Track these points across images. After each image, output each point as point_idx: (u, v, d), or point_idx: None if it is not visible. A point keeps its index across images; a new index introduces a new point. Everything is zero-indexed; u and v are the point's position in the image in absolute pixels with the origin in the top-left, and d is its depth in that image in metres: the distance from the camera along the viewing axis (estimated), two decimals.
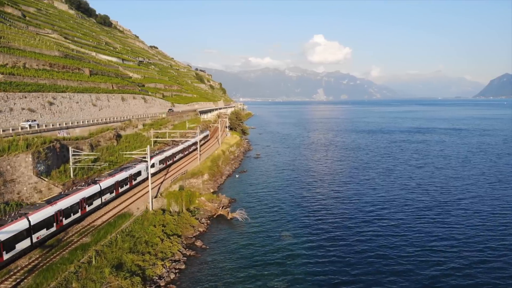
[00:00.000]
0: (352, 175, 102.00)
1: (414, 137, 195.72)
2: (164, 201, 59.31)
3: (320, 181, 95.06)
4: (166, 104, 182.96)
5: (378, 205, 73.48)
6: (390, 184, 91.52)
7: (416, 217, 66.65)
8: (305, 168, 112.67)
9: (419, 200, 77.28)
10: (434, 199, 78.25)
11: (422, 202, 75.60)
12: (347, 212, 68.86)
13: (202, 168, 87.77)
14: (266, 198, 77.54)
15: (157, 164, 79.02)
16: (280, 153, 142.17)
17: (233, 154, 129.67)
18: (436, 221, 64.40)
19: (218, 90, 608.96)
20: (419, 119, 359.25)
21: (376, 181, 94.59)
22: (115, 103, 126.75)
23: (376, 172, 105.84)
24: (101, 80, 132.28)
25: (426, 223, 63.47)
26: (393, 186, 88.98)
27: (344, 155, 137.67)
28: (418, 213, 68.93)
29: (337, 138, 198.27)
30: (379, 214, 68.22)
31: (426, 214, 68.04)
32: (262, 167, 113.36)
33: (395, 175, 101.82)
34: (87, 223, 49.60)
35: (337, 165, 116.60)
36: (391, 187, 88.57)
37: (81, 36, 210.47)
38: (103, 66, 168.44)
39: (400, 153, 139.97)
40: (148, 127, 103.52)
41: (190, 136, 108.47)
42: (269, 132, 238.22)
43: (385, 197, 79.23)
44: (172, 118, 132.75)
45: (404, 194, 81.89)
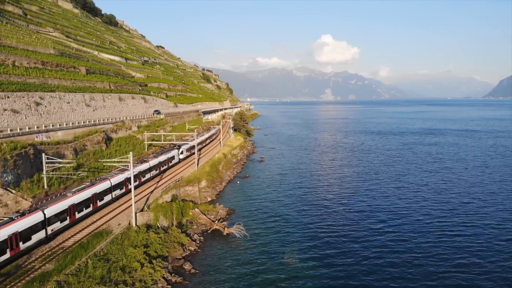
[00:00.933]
0: (363, 181, 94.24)
1: (426, 139, 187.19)
2: (151, 215, 52.08)
3: (327, 188, 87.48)
4: (168, 104, 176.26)
5: (392, 217, 65.80)
6: (404, 192, 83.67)
7: (434, 230, 59.03)
8: (311, 173, 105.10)
9: (436, 210, 69.44)
10: (453, 209, 70.37)
11: (440, 213, 67.78)
12: (359, 225, 61.28)
13: (200, 174, 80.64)
14: (268, 209, 70.16)
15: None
16: (285, 156, 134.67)
17: (236, 157, 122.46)
18: (456, 235, 56.81)
19: (225, 90, 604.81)
20: (429, 120, 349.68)
21: (389, 188, 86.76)
22: (112, 103, 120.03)
23: (388, 178, 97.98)
24: (97, 79, 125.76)
25: (446, 237, 55.85)
26: (407, 195, 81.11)
27: (353, 158, 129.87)
28: (436, 225, 61.28)
29: (346, 139, 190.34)
30: (393, 227, 60.60)
31: (445, 227, 60.32)
32: (265, 172, 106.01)
33: (409, 181, 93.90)
34: (56, 243, 42.49)
35: (346, 170, 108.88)
36: (405, 195, 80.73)
37: (84, 35, 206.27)
38: (104, 65, 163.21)
39: (412, 157, 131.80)
40: (143, 129, 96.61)
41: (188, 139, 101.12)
42: (275, 133, 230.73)
43: (399, 208, 71.44)
44: (172, 119, 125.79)
45: (420, 203, 74.11)
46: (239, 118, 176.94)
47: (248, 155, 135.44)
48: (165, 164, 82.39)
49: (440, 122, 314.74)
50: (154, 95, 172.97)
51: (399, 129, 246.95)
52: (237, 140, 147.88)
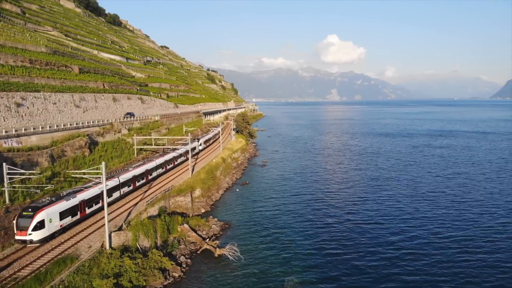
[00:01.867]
0: (373, 190, 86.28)
1: (437, 141, 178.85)
2: (129, 235, 44.78)
3: (333, 196, 79.77)
4: (168, 105, 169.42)
5: (408, 232, 58.18)
6: (419, 202, 75.86)
7: (454, 246, 51.52)
8: (316, 180, 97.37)
9: (456, 222, 61.76)
10: (475, 221, 62.63)
11: (460, 226, 60.09)
12: (368, 241, 53.76)
13: (194, 182, 73.40)
14: (268, 222, 62.62)
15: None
16: (289, 160, 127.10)
17: (236, 161, 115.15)
18: (478, 251, 49.24)
19: (229, 90, 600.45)
20: (439, 121, 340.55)
21: (402, 197, 78.96)
22: (105, 104, 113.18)
23: (400, 185, 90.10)
24: (90, 79, 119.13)
25: (466, 254, 48.34)
26: (422, 205, 73.31)
27: (361, 163, 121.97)
28: (455, 239, 53.70)
29: (353, 141, 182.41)
30: (409, 243, 53.05)
31: (465, 242, 52.73)
32: (267, 178, 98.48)
33: (423, 189, 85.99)
34: (9, 273, 35.17)
35: (353, 176, 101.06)
36: (420, 206, 72.93)
37: (85, 34, 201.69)
38: (103, 64, 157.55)
39: (424, 161, 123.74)
40: (134, 131, 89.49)
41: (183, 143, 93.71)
42: (279, 134, 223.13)
43: (416, 221, 63.71)
44: (168, 121, 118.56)
45: (437, 215, 66.43)
46: (241, 119, 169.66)
47: (249, 159, 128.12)
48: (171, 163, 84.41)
49: (449, 123, 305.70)
50: (154, 96, 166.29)
51: (407, 131, 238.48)
52: (239, 142, 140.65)
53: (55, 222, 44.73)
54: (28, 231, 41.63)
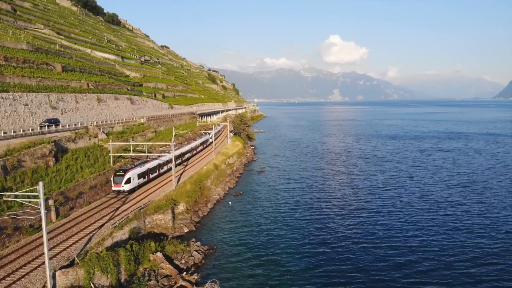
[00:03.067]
0: (380, 201, 76.47)
1: (446, 144, 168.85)
2: (80, 273, 35.24)
3: (338, 211, 69.89)
4: (161, 106, 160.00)
5: (422, 251, 48.64)
6: (432, 214, 66.28)
7: (478, 272, 41.88)
8: (317, 189, 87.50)
9: (481, 239, 52.12)
10: (501, 240, 52.99)
11: (485, 245, 50.45)
12: (382, 269, 44.24)
13: (177, 195, 63.84)
14: (262, 246, 52.85)
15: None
16: (288, 165, 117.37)
17: (231, 167, 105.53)
18: None
19: (231, 90, 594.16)
20: (444, 122, 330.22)
21: (414, 210, 69.30)
22: (87, 105, 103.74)
23: (411, 194, 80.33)
24: (74, 78, 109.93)
25: None
26: (438, 218, 63.72)
27: (366, 169, 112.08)
28: (483, 268, 44.05)
29: (356, 144, 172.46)
30: (423, 265, 43.45)
31: (495, 269, 43.16)
32: (264, 187, 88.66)
33: (436, 200, 76.24)
34: None
35: (359, 185, 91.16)
36: (436, 219, 63.33)
37: (80, 33, 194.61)
38: (94, 63, 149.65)
39: (435, 167, 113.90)
40: (114, 136, 79.88)
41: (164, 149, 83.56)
42: (280, 136, 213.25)
43: (431, 238, 54.16)
44: (157, 123, 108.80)
45: (452, 228, 56.86)
46: (239, 121, 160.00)
47: (246, 164, 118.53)
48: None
49: (456, 124, 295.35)
50: (147, 96, 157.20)
51: (413, 133, 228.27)
52: (235, 146, 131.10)
53: (135, 180, 65.52)
54: (121, 184, 62.42)
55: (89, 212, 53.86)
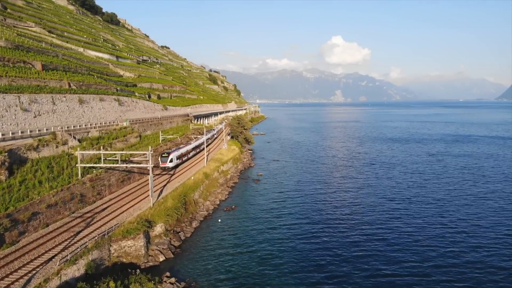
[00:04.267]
0: (390, 216, 66.65)
1: (455, 148, 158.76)
2: None
3: (342, 229, 60.11)
4: (154, 107, 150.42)
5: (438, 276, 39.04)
6: (451, 232, 56.61)
7: None
8: (319, 201, 77.47)
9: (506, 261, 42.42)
10: None
11: None
12: None
13: (155, 214, 54.23)
14: (253, 279, 43.59)
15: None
16: (287, 173, 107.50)
17: (225, 175, 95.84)
18: None
19: (232, 91, 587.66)
20: (451, 124, 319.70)
21: (427, 227, 59.65)
22: (67, 107, 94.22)
23: (422, 208, 70.45)
24: (54, 77, 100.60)
25: None
26: (456, 240, 54.00)
27: (372, 176, 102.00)
28: None
29: (360, 148, 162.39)
30: None
31: None
32: (260, 198, 78.70)
33: (452, 215, 66.54)
34: None
35: (364, 197, 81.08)
36: (453, 240, 53.62)
37: (75, 31, 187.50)
38: (86, 62, 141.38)
39: (447, 175, 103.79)
40: (89, 143, 70.32)
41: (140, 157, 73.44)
42: (280, 139, 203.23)
43: (449, 260, 44.51)
44: (142, 127, 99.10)
45: (473, 249, 47.12)
46: (237, 123, 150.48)
47: (242, 171, 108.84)
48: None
49: (463, 127, 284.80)
50: (139, 97, 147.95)
51: (419, 135, 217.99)
52: (231, 151, 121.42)
53: (175, 160, 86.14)
54: (167, 163, 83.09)
55: (43, 237, 44.33)
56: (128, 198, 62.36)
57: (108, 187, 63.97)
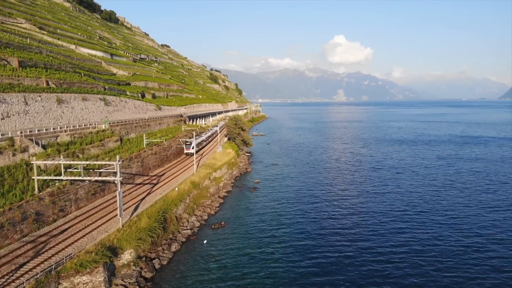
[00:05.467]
0: (403, 232, 57.24)
1: (466, 151, 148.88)
2: None
3: (350, 254, 50.81)
4: (146, 107, 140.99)
5: None
6: (472, 251, 47.17)
7: None
8: (322, 213, 67.72)
9: None
10: None
11: None
12: None
13: (124, 238, 44.78)
14: None
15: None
16: (287, 179, 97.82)
17: (217, 183, 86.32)
18: None
19: (233, 91, 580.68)
20: (457, 124, 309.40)
21: (445, 244, 50.23)
22: (42, 107, 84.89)
23: (438, 222, 60.89)
24: (31, 75, 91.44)
25: None
26: (481, 263, 44.58)
27: (380, 185, 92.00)
28: None
29: (365, 151, 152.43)
30: None
31: None
32: (254, 212, 68.81)
33: (472, 231, 57.08)
34: None
35: (372, 208, 71.46)
36: (476, 263, 44.21)
37: (69, 29, 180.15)
38: (75, 60, 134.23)
39: (461, 181, 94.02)
40: (55, 150, 60.80)
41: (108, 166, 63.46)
42: (281, 140, 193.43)
43: None
44: (125, 129, 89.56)
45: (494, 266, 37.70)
46: (234, 124, 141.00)
47: (237, 178, 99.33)
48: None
49: (470, 127, 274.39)
50: (130, 96, 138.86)
51: (426, 136, 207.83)
52: (226, 155, 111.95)
53: (196, 147, 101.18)
54: (190, 149, 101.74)
55: None
56: (97, 215, 52.89)
57: (75, 202, 54.63)
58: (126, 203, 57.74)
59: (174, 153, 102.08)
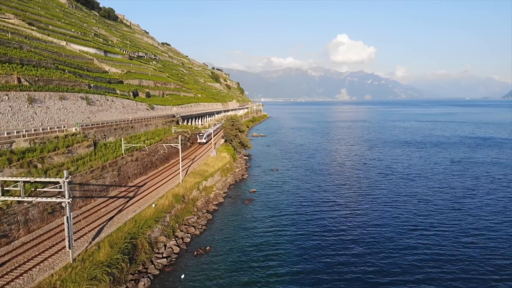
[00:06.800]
0: (415, 250, 46.93)
1: (480, 154, 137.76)
2: None
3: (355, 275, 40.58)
4: (136, 107, 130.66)
5: None
6: None
7: None
8: (326, 233, 57.10)
9: None
10: None
11: None
12: None
13: (73, 277, 34.42)
14: None
15: None
16: (287, 188, 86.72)
17: (208, 193, 75.95)
18: None
19: (235, 89, 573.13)
20: (465, 124, 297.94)
21: (469, 265, 39.97)
22: (9, 108, 74.77)
23: (458, 240, 50.51)
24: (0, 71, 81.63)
25: None
26: None
27: (389, 193, 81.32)
28: None
29: (372, 154, 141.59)
30: None
31: None
32: (246, 231, 57.87)
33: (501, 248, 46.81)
34: None
35: (383, 225, 61.19)
36: None
37: (62, 25, 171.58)
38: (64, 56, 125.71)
39: (481, 189, 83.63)
40: (6, 159, 50.28)
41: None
42: (281, 142, 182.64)
43: None
44: (102, 132, 78.67)
45: None
46: (230, 125, 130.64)
47: (231, 186, 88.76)
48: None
49: (479, 127, 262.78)
50: (121, 95, 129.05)
51: (435, 137, 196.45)
52: (220, 159, 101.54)
53: (206, 138, 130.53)
54: (202, 139, 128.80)
55: None
56: (49, 242, 42.61)
57: (25, 225, 44.43)
58: (88, 226, 47.47)
59: (161, 158, 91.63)
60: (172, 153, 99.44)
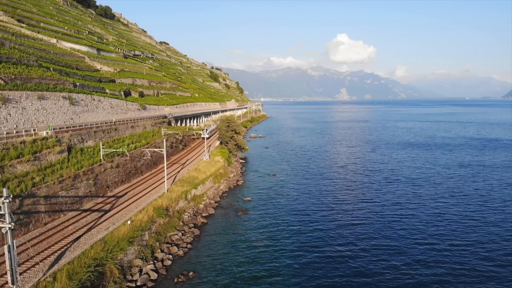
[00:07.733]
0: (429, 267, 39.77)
1: (488, 156, 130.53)
2: None
3: None
4: (126, 107, 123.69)
5: None
6: None
7: None
8: (327, 248, 50.15)
9: None
10: None
11: None
12: None
13: None
14: None
15: None
16: (285, 196, 79.35)
17: (197, 203, 68.58)
18: None
19: (234, 89, 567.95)
20: (469, 124, 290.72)
21: None
22: None
23: (470, 259, 43.42)
24: None
25: None
26: None
27: (395, 201, 74.12)
28: None
29: (374, 156, 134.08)
30: None
31: None
32: (238, 252, 50.36)
33: None
34: None
35: (387, 236, 54.21)
36: None
37: (55, 23, 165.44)
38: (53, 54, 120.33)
39: (494, 196, 76.69)
40: None
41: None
42: (280, 143, 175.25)
43: None
44: (79, 136, 71.06)
45: None
46: (226, 127, 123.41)
47: (224, 194, 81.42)
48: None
49: (484, 128, 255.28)
50: (110, 94, 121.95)
51: (439, 139, 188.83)
52: (213, 164, 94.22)
53: (208, 133, 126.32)
54: (205, 134, 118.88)
55: None
56: None
57: None
58: (49, 248, 40.18)
59: (147, 163, 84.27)
60: (161, 157, 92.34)
